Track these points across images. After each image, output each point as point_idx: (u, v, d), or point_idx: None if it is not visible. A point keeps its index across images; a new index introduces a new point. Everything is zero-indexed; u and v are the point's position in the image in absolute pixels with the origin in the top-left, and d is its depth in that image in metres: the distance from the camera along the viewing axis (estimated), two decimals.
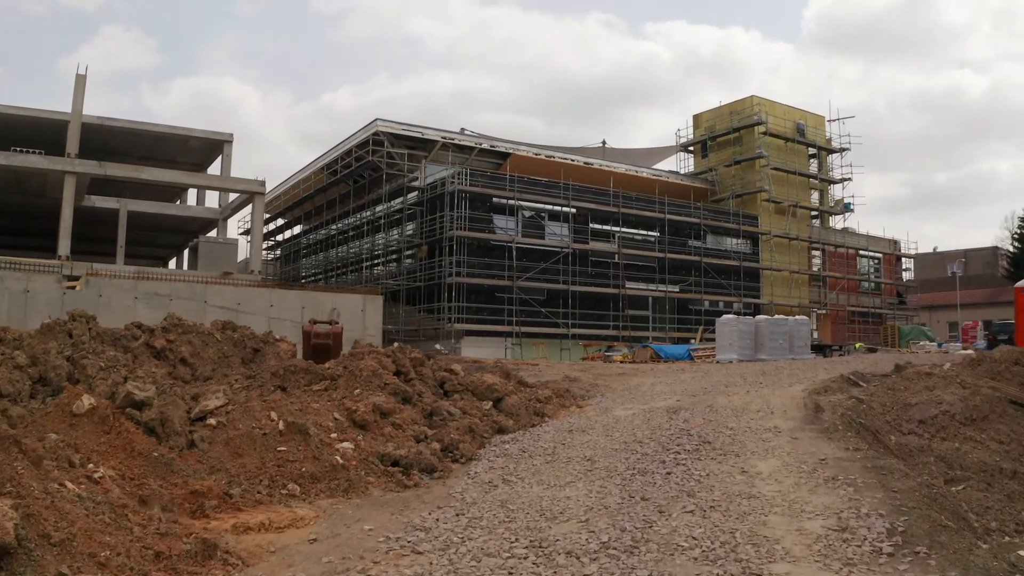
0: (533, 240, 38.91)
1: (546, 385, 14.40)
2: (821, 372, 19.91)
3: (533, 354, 36.08)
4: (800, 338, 30.11)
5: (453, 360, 13.55)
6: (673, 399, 13.75)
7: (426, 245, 39.14)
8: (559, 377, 18.16)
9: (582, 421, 11.15)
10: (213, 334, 12.19)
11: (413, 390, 10.29)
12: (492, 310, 37.31)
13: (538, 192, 39.12)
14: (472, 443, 9.28)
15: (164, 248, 48.91)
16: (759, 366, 23.03)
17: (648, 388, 16.10)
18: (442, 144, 40.06)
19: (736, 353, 28.29)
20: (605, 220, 41.52)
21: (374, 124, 39.37)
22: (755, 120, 47.06)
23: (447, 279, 36.04)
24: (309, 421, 8.65)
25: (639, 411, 12.07)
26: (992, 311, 66.50)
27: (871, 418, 13.74)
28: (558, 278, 38.60)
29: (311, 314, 20.63)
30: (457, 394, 10.93)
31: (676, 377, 19.13)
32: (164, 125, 40.52)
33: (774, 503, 6.67)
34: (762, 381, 17.15)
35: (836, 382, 16.71)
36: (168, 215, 39.98)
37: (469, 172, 37.45)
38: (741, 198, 47.28)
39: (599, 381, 18.07)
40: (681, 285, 43.35)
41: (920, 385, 15.80)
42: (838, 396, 14.44)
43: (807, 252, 49.69)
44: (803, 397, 14.29)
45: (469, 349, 35.93)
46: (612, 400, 13.93)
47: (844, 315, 50.56)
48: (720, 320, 30.28)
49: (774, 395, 14.35)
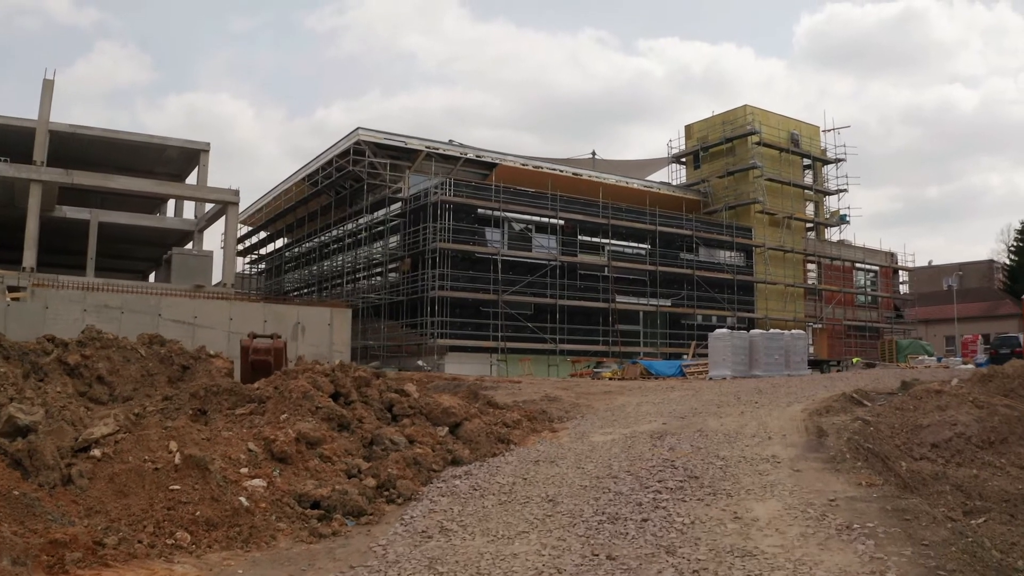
0: (520, 253, 37.54)
1: (518, 407, 12.96)
2: (820, 390, 18.51)
3: (519, 371, 34.61)
4: (797, 353, 28.73)
5: (408, 380, 12.08)
6: (659, 422, 12.33)
7: (409, 258, 37.73)
8: (538, 396, 16.71)
9: (552, 449, 9.72)
10: (137, 349, 10.74)
11: (352, 415, 8.84)
12: (477, 325, 35.88)
13: (525, 203, 37.80)
14: (415, 479, 7.83)
15: (144, 261, 47.46)
16: (754, 383, 21.61)
17: (633, 409, 14.66)
18: (426, 154, 38.71)
19: (730, 369, 26.88)
20: (594, 232, 40.18)
21: (355, 133, 38.05)
22: (748, 130, 45.88)
23: (430, 293, 34.60)
24: (216, 453, 7.21)
25: (619, 437, 10.64)
26: (989, 324, 65.45)
27: (879, 442, 12.32)
28: (546, 292, 37.19)
29: (274, 328, 19.19)
30: (407, 418, 9.47)
31: (665, 396, 17.70)
32: (139, 134, 39.24)
33: (776, 564, 5.24)
34: (757, 400, 15.73)
35: (838, 401, 15.30)
36: (142, 227, 38.61)
37: (453, 182, 36.11)
38: (734, 210, 46.01)
39: (581, 400, 16.63)
40: (673, 299, 41.97)
41: (931, 405, 14.39)
42: (842, 417, 13.03)
43: (802, 265, 48.39)
44: (803, 419, 12.87)
45: (453, 365, 34.47)
46: (592, 423, 12.49)
47: (841, 329, 49.22)
48: (713, 335, 28.90)
49: (771, 417, 12.94)
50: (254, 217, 53.18)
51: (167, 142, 39.19)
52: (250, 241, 56.01)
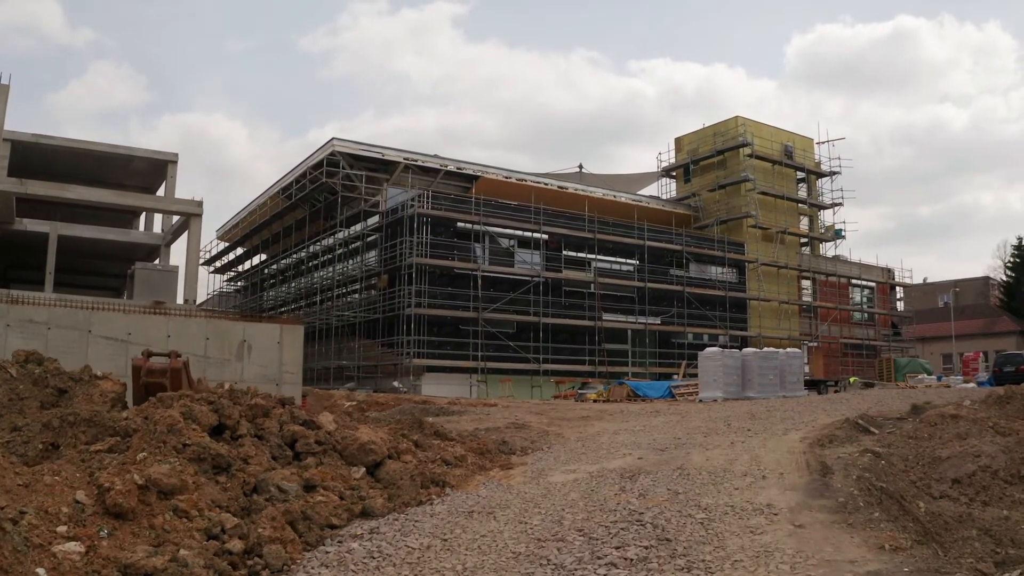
0: (501, 268, 35.82)
1: (473, 437, 11.14)
2: (820, 414, 16.70)
3: (501, 392, 32.77)
4: (792, 373, 26.98)
5: (335, 407, 10.25)
6: (635, 455, 10.53)
7: (386, 274, 35.94)
8: (505, 423, 14.90)
9: (497, 494, 7.92)
10: (7, 369, 8.94)
11: (236, 453, 7.02)
12: (456, 344, 34.10)
13: (507, 217, 36.12)
14: (295, 542, 6.01)
15: (114, 277, 45.67)
16: (747, 406, 19.80)
17: (608, 438, 12.86)
18: (405, 166, 37.04)
19: (721, 391, 25.09)
20: (580, 247, 38.50)
21: (331, 144, 36.41)
22: (740, 142, 44.38)
23: (406, 310, 32.78)
24: (31, 505, 5.39)
25: (584, 476, 8.84)
26: (987, 342, 64.18)
27: (893, 479, 10.51)
28: (529, 309, 35.42)
29: (216, 347, 17.39)
30: (313, 456, 7.64)
31: (647, 422, 15.88)
32: (104, 144, 37.61)
33: None
34: (750, 428, 13.93)
35: (842, 428, 13.49)
36: (108, 241, 36.86)
37: (431, 195, 34.41)
38: (726, 224, 44.40)
39: (553, 427, 14.80)
40: (662, 317, 40.24)
41: (949, 432, 12.59)
42: (848, 449, 11.23)
43: (797, 281, 46.73)
44: (803, 451, 11.06)
45: (431, 387, 32.65)
46: (556, 457, 10.68)
47: (837, 348, 47.51)
48: (703, 354, 27.11)
49: (766, 448, 11.14)
50: (231, 232, 51.41)
51: (133, 152, 37.63)
52: (228, 257, 54.13)
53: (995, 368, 34.43)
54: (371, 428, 8.44)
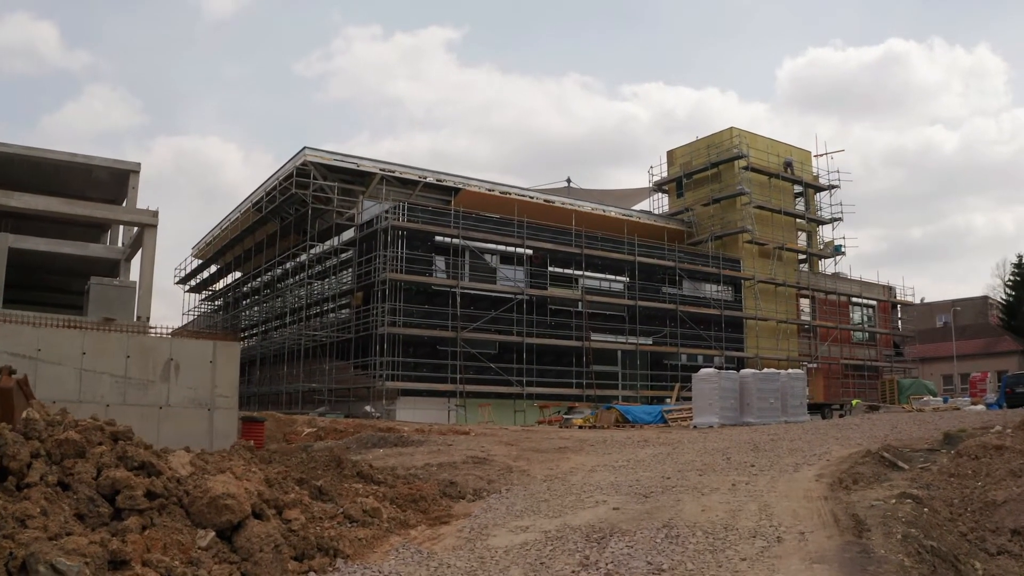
0: (482, 285, 33.69)
1: (408, 479, 8.87)
2: (832, 443, 14.45)
3: (480, 417, 30.46)
4: (795, 396, 24.81)
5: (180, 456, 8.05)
6: (611, 503, 8.30)
7: (360, 291, 33.72)
8: (463, 457, 12.63)
9: (406, 570, 5.69)
10: None
11: (9, 511, 4.81)
12: (433, 366, 31.86)
13: (489, 230, 34.02)
14: None
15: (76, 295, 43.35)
16: (747, 434, 17.59)
17: (583, 477, 10.63)
18: (381, 177, 34.94)
19: (717, 416, 22.89)
20: (567, 263, 36.37)
21: (302, 153, 34.32)
22: (735, 154, 42.45)
23: (379, 329, 30.55)
24: None
25: (536, 538, 6.62)
26: (988, 362, 62.42)
27: (940, 532, 8.28)
28: (512, 329, 33.23)
29: (139, 366, 15.13)
30: (138, 515, 5.38)
31: (633, 454, 13.64)
32: (63, 152, 35.52)
33: None
34: (754, 462, 11.72)
35: (865, 463, 11.23)
36: (64, 255, 34.61)
37: (407, 207, 32.29)
38: (721, 240, 42.35)
39: (520, 462, 12.55)
40: (654, 337, 38.05)
41: (998, 467, 10.32)
42: (879, 493, 8.98)
43: (795, 299, 44.60)
44: (823, 495, 8.82)
45: (406, 411, 30.36)
46: (510, 505, 8.44)
47: (837, 369, 45.30)
48: (698, 376, 24.94)
49: (776, 491, 8.90)
50: (205, 250, 49.20)
51: (92, 162, 35.43)
52: (203, 276, 51.86)
53: (1007, 388, 32.72)
54: (226, 477, 6.15)
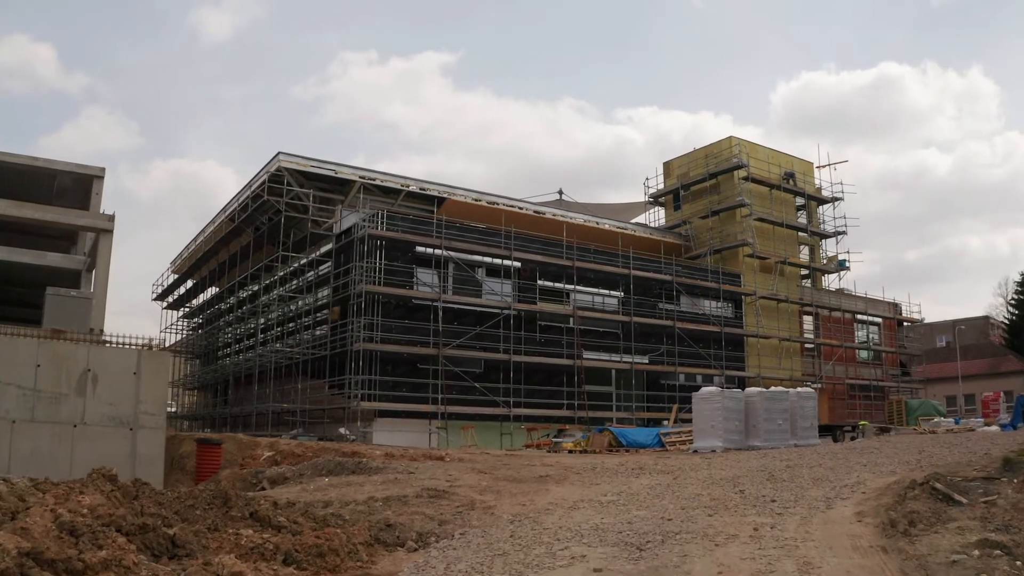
0: (467, 299, 31.58)
1: (320, 522, 6.70)
2: (860, 470, 12.25)
3: (463, 440, 28.23)
4: (805, 418, 22.64)
5: None
6: (593, 559, 6.16)
7: (337, 305, 31.56)
8: (418, 489, 10.42)
9: None
10: None
11: None
12: (413, 385, 29.67)
13: (474, 241, 31.96)
14: None
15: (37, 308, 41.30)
16: (756, 460, 15.37)
17: (560, 517, 8.44)
18: (361, 185, 32.93)
19: (720, 439, 20.69)
20: (557, 277, 34.27)
21: (276, 159, 32.32)
22: (734, 163, 40.55)
23: (354, 346, 28.36)
24: None
25: None
26: (992, 382, 60.48)
27: None
28: (498, 346, 31.08)
29: (50, 377, 13.00)
30: None
31: (625, 484, 11.46)
32: (24, 156, 33.82)
33: None
34: (774, 496, 9.51)
35: (915, 497, 9.00)
36: (21, 264, 32.70)
37: (387, 215, 30.23)
38: (720, 253, 40.35)
39: (487, 495, 10.37)
40: (650, 355, 35.89)
41: None
42: (949, 540, 6.78)
43: (798, 316, 42.52)
44: (877, 543, 6.64)
45: (384, 434, 28.09)
46: (452, 562, 6.28)
47: (842, 389, 43.14)
48: (699, 395, 22.75)
49: (813, 539, 6.72)
50: (181, 264, 47.04)
51: (54, 166, 33.72)
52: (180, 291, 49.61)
53: (1022, 408, 30.89)
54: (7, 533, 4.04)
